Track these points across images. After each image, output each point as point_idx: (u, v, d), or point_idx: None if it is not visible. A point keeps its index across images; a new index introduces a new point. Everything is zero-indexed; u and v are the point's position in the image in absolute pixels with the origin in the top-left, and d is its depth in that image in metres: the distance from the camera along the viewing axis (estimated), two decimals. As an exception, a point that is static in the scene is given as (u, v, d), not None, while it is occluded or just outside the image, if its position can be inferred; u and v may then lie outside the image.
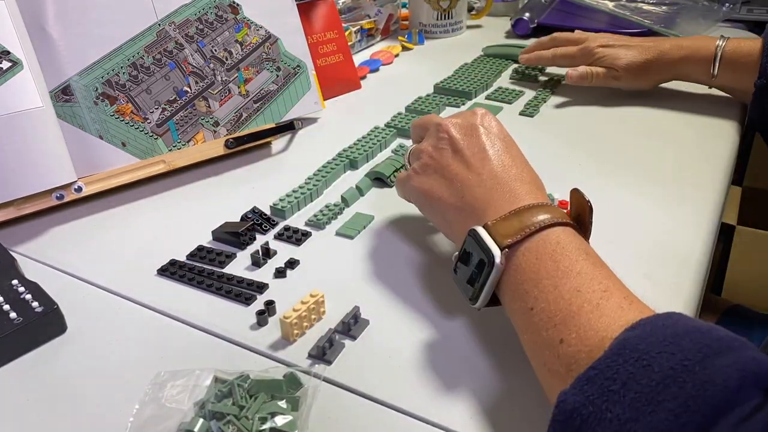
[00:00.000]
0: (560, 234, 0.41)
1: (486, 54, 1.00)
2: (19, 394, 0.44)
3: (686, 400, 0.29)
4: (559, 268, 0.39)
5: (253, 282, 0.52)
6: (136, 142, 0.66)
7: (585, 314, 0.36)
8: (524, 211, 0.42)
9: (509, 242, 0.41)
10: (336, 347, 0.45)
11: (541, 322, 0.38)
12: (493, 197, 0.45)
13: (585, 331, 0.35)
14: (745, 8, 1.19)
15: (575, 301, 0.37)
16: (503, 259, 0.40)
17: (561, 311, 0.37)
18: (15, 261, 0.54)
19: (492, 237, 0.41)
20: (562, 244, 0.40)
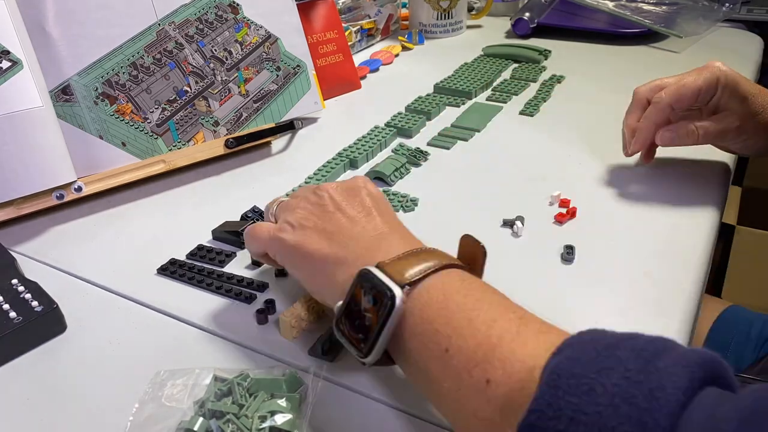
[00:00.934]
0: (461, 273, 0.38)
1: (486, 54, 1.00)
2: (19, 393, 0.44)
3: (641, 416, 0.26)
4: (468, 302, 0.35)
5: (253, 281, 0.52)
6: (136, 141, 0.66)
7: (507, 344, 0.32)
8: (420, 252, 0.39)
9: (409, 279, 0.37)
10: (336, 346, 0.45)
11: (461, 363, 0.33)
12: (381, 244, 0.41)
13: (511, 365, 0.32)
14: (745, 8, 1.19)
15: (494, 332, 0.33)
16: (405, 297, 0.36)
17: (481, 346, 0.33)
18: (15, 261, 0.54)
19: (389, 275, 0.37)
20: (468, 280, 0.38)
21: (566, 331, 0.33)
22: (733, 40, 1.06)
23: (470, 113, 0.81)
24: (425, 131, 0.78)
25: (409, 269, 0.37)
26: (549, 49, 0.99)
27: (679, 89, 0.59)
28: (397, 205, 0.62)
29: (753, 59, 0.98)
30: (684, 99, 0.59)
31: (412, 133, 0.76)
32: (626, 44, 1.04)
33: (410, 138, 0.76)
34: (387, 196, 0.63)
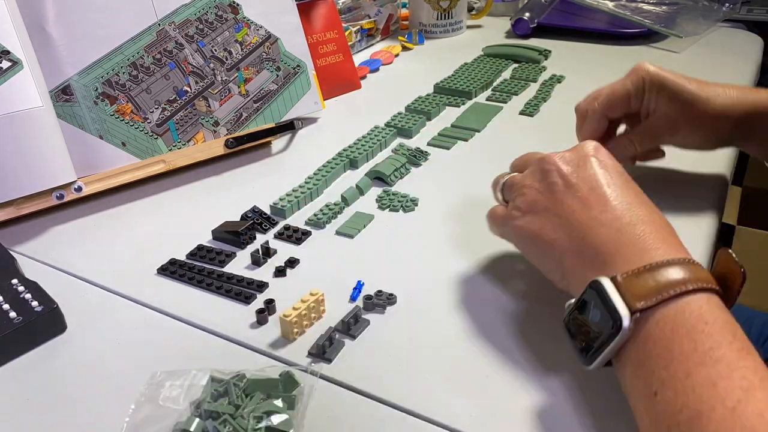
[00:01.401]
0: (703, 305, 0.34)
1: (486, 54, 1.00)
2: (19, 393, 0.44)
3: None
4: (696, 350, 0.32)
5: (253, 281, 0.52)
6: (136, 141, 0.66)
7: (716, 417, 0.30)
8: (661, 267, 0.36)
9: (642, 306, 0.34)
10: (336, 346, 0.45)
11: (664, 414, 0.32)
12: (620, 242, 0.38)
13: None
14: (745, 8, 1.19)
15: (707, 399, 0.30)
16: (632, 324, 0.34)
17: (689, 408, 0.31)
18: (15, 260, 0.54)
19: (621, 295, 0.35)
20: (705, 318, 0.34)
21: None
22: (733, 40, 1.06)
23: (470, 113, 0.81)
24: (425, 131, 0.78)
25: (645, 291, 0.35)
26: (549, 49, 0.99)
27: (609, 97, 0.58)
28: (397, 206, 0.62)
29: (753, 59, 0.97)
30: (615, 106, 0.58)
31: (412, 133, 0.76)
32: (626, 44, 1.04)
33: (410, 138, 0.76)
34: (387, 197, 0.63)
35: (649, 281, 0.35)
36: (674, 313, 0.34)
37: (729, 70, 0.92)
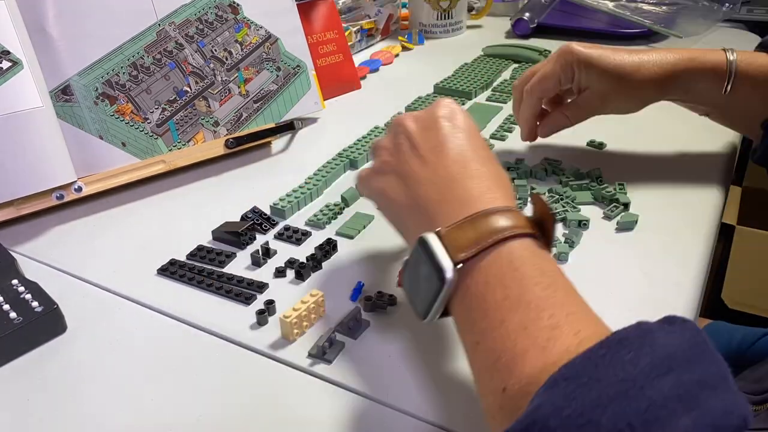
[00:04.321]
0: (515, 251, 0.36)
1: (486, 54, 1.00)
2: (19, 394, 0.44)
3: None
4: (508, 297, 0.35)
5: (253, 281, 0.52)
6: (136, 142, 0.66)
7: (529, 360, 0.31)
8: (480, 217, 0.38)
9: (463, 257, 0.36)
10: (336, 347, 0.45)
11: (487, 362, 0.34)
12: (446, 197, 0.41)
13: (528, 385, 0.31)
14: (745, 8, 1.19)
15: (521, 343, 0.32)
16: (455, 276, 0.36)
17: (506, 352, 0.33)
18: (15, 261, 0.54)
19: (444, 248, 0.37)
20: (515, 264, 0.36)
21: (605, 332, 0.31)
22: (733, 40, 1.06)
23: (470, 113, 0.81)
24: (425, 131, 0.78)
25: (465, 242, 0.37)
26: (549, 49, 0.99)
27: (541, 81, 0.63)
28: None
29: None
30: (547, 89, 0.63)
31: (412, 133, 0.76)
32: (626, 44, 1.04)
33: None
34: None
35: (469, 232, 0.37)
36: (488, 264, 0.36)
37: (729, 71, 0.92)
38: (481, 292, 0.36)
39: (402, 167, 0.45)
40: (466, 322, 0.37)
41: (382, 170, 0.47)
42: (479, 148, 0.44)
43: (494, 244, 0.36)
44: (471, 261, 0.36)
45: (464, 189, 0.41)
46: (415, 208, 0.42)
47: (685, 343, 0.29)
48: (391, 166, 0.46)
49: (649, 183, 0.64)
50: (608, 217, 0.59)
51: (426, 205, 0.42)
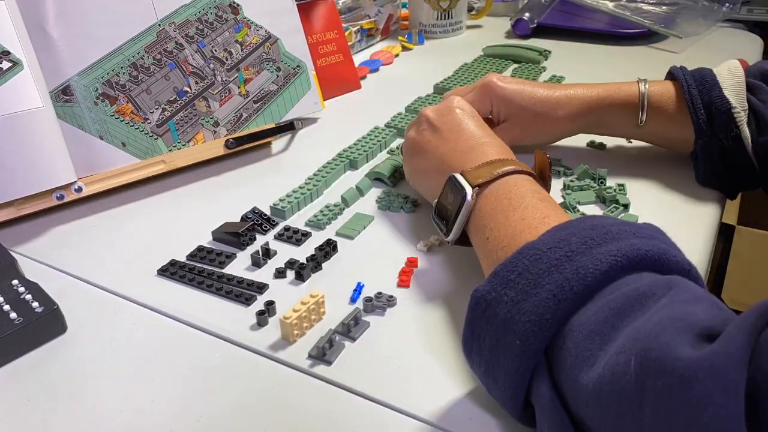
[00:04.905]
0: (518, 179, 0.48)
1: (486, 54, 1.00)
2: (20, 394, 0.44)
3: (563, 282, 0.35)
4: (511, 203, 0.46)
5: (253, 282, 0.52)
6: (136, 142, 0.66)
7: (524, 236, 0.42)
8: (495, 162, 0.50)
9: (480, 182, 0.48)
10: (336, 348, 0.45)
11: (492, 247, 0.44)
12: (467, 158, 0.52)
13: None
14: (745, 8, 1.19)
15: (518, 227, 0.43)
16: (474, 195, 0.48)
17: (507, 236, 0.43)
18: (15, 261, 0.54)
19: (466, 179, 0.49)
20: (519, 185, 0.47)
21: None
22: (733, 40, 1.06)
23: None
24: (425, 131, 0.78)
25: (482, 175, 0.49)
26: (549, 50, 0.99)
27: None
28: (397, 207, 0.62)
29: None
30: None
31: (412, 133, 0.76)
32: (626, 44, 1.04)
33: (410, 138, 0.76)
34: (387, 197, 0.63)
35: (485, 170, 0.49)
36: (498, 187, 0.48)
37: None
38: (491, 204, 0.47)
39: (428, 146, 0.57)
40: (479, 227, 0.47)
41: (411, 153, 0.59)
42: (485, 128, 0.56)
43: (503, 176, 0.48)
44: (485, 186, 0.48)
45: (480, 151, 0.53)
46: (442, 171, 0.53)
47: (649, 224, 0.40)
48: (418, 148, 0.58)
49: (649, 183, 0.64)
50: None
51: (451, 165, 0.53)
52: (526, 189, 0.47)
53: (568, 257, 0.36)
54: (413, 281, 0.52)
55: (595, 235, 0.37)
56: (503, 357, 0.36)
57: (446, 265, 0.54)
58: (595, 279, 0.34)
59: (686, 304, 0.31)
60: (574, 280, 0.35)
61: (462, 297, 0.50)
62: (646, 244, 0.36)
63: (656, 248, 0.36)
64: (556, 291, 0.35)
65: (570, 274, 0.35)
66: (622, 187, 0.62)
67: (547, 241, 0.38)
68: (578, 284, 0.34)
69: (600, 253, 0.35)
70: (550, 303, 0.35)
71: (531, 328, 0.35)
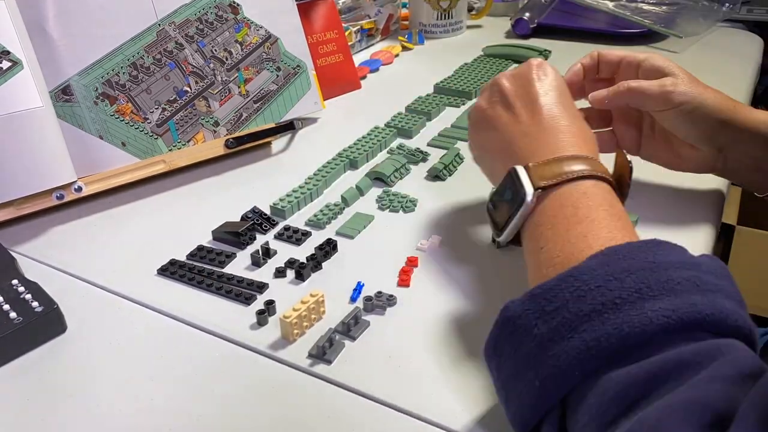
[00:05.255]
0: (591, 186, 0.42)
1: (486, 54, 1.00)
2: (19, 394, 0.44)
3: (602, 335, 0.31)
4: (576, 214, 0.40)
5: (253, 282, 0.52)
6: (136, 142, 0.66)
7: (582, 257, 0.36)
8: (566, 159, 0.43)
9: (544, 184, 0.42)
10: (336, 347, 0.45)
11: (545, 260, 0.39)
12: (538, 146, 0.45)
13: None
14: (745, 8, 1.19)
15: (578, 245, 0.38)
16: (534, 199, 0.42)
17: (563, 252, 0.38)
18: (15, 261, 0.54)
19: (529, 177, 0.43)
20: (589, 194, 0.41)
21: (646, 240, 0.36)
22: (733, 40, 1.06)
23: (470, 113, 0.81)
24: (425, 131, 0.78)
25: (549, 174, 0.42)
26: (549, 49, 0.99)
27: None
28: (397, 206, 0.62)
29: (753, 59, 0.98)
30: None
31: (412, 133, 0.76)
32: (626, 44, 1.04)
33: (410, 138, 0.76)
34: (387, 197, 0.63)
35: (554, 168, 0.42)
36: (564, 193, 0.41)
37: (729, 71, 0.92)
38: (553, 211, 0.41)
39: (497, 121, 0.49)
40: (534, 233, 0.42)
41: (479, 126, 0.52)
42: (568, 106, 0.48)
43: (573, 180, 0.42)
44: (550, 189, 0.42)
45: (554, 140, 0.45)
46: (509, 154, 0.47)
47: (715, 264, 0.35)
48: (486, 122, 0.50)
49: (649, 183, 0.64)
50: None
51: (518, 151, 0.46)
52: (599, 200, 0.40)
53: (615, 306, 0.31)
54: (413, 281, 0.52)
55: (653, 282, 0.32)
56: (520, 389, 0.34)
57: (446, 265, 0.54)
58: (639, 342, 0.30)
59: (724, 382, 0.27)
60: (614, 336, 0.30)
61: (462, 297, 0.50)
62: (709, 306, 0.31)
63: (719, 311, 0.31)
64: (592, 344, 0.31)
65: (612, 329, 0.31)
66: (622, 187, 0.62)
67: (596, 275, 0.33)
68: (618, 341, 0.30)
69: (653, 311, 0.31)
70: (581, 355, 0.31)
71: (555, 373, 0.32)
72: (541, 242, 0.40)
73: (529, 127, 0.47)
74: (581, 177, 0.42)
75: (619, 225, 0.39)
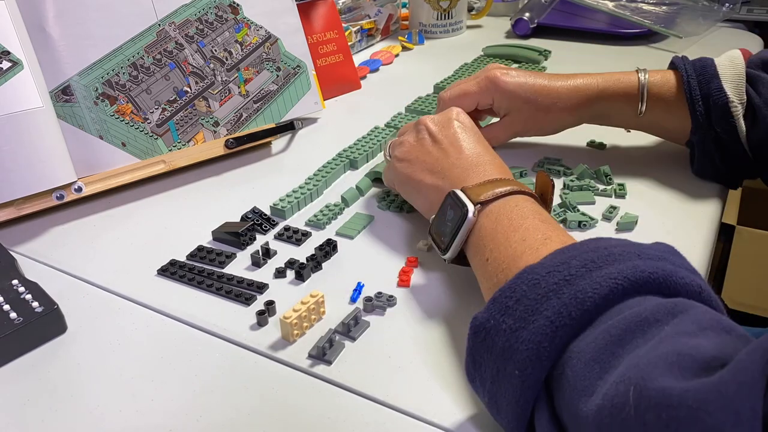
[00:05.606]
0: (521, 200, 0.46)
1: (486, 54, 1.00)
2: (19, 394, 0.44)
3: (561, 308, 0.34)
4: (512, 224, 0.44)
5: (253, 282, 0.52)
6: (136, 142, 0.66)
7: (525, 258, 0.40)
8: (495, 181, 0.48)
9: (482, 199, 0.46)
10: (336, 347, 0.45)
11: (492, 270, 0.43)
12: (468, 174, 0.51)
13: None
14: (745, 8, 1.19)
15: (519, 248, 0.42)
16: (476, 212, 0.46)
17: (507, 258, 0.42)
18: (15, 261, 0.54)
19: (468, 196, 0.47)
20: (521, 206, 0.46)
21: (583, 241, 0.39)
22: (733, 40, 1.06)
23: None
24: (425, 131, 0.78)
25: (484, 192, 0.47)
26: (549, 49, 0.99)
27: (460, 97, 0.66)
28: (397, 206, 0.62)
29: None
30: (465, 105, 0.64)
31: (412, 133, 0.76)
32: (626, 44, 1.04)
33: (410, 138, 0.76)
34: (387, 197, 0.63)
35: (487, 188, 0.47)
36: (500, 207, 0.46)
37: (729, 71, 0.92)
38: (491, 225, 0.45)
39: (427, 156, 0.54)
40: (478, 247, 0.45)
41: (407, 158, 0.56)
42: (485, 146, 0.54)
43: (506, 195, 0.47)
44: (487, 204, 0.46)
45: (481, 169, 0.51)
46: (442, 186, 0.52)
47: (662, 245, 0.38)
48: (416, 155, 0.55)
49: (648, 183, 0.64)
50: (608, 218, 0.59)
51: (452, 180, 0.51)
52: (528, 210, 0.45)
53: (567, 281, 0.35)
54: (413, 281, 0.52)
55: (596, 258, 0.35)
56: (504, 387, 0.35)
57: (446, 265, 0.54)
58: (594, 304, 0.33)
59: (690, 336, 0.29)
60: (572, 306, 0.33)
61: (462, 297, 0.50)
62: (651, 266, 0.34)
63: (661, 269, 0.34)
64: (554, 318, 0.33)
65: (568, 300, 0.34)
66: (622, 187, 0.62)
67: (546, 264, 0.37)
68: (576, 310, 0.33)
69: (600, 276, 0.34)
70: (547, 330, 0.33)
71: (529, 357, 0.34)
72: (486, 253, 0.44)
73: (457, 160, 0.52)
74: (511, 193, 0.47)
75: (551, 227, 0.43)
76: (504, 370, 0.35)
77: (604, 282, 0.33)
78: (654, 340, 0.30)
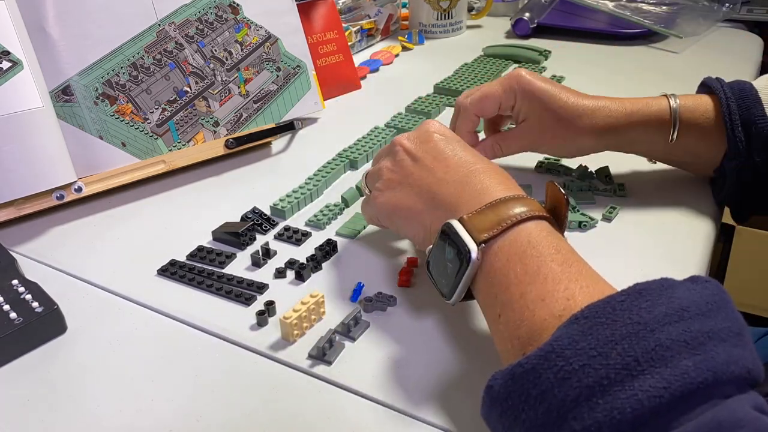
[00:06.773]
0: (532, 231, 0.40)
1: (486, 54, 1.00)
2: (19, 394, 0.44)
3: (591, 424, 0.29)
4: (527, 273, 0.38)
5: (253, 282, 0.52)
6: (136, 142, 0.66)
7: (548, 330, 0.34)
8: (499, 204, 0.41)
9: (486, 237, 0.40)
10: (336, 348, 0.45)
11: (507, 332, 0.37)
12: (464, 191, 0.44)
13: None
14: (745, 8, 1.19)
15: (539, 312, 0.35)
16: (480, 255, 0.40)
17: (525, 323, 0.36)
18: (15, 261, 0.54)
19: (468, 231, 0.41)
20: (533, 242, 0.39)
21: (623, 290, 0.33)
22: (733, 40, 1.06)
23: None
24: (425, 131, 0.78)
25: (487, 225, 0.40)
26: (549, 49, 0.99)
27: (482, 100, 0.60)
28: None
29: (753, 59, 0.98)
30: (486, 109, 0.61)
31: (412, 133, 0.76)
32: (626, 44, 1.04)
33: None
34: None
35: (490, 216, 0.41)
36: (509, 243, 0.39)
37: (729, 71, 0.92)
38: (502, 268, 0.39)
39: (410, 178, 0.48)
40: (488, 296, 0.40)
41: (390, 187, 0.49)
42: (473, 153, 0.48)
43: (513, 225, 0.40)
44: (492, 241, 0.40)
45: (477, 183, 0.44)
46: (434, 208, 0.46)
47: (702, 299, 0.32)
48: (398, 181, 0.49)
49: (648, 183, 0.64)
50: (608, 218, 0.59)
51: (444, 202, 0.45)
52: (544, 245, 0.39)
53: (603, 388, 0.29)
54: (413, 281, 0.52)
55: (641, 353, 0.29)
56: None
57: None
58: (631, 427, 0.28)
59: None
60: (605, 426, 0.28)
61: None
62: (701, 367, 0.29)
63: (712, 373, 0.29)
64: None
65: (602, 417, 0.28)
66: (622, 187, 0.62)
67: (579, 350, 0.30)
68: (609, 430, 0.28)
69: (642, 390, 0.28)
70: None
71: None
72: (497, 308, 0.38)
73: (446, 175, 0.46)
74: (520, 221, 0.40)
75: (572, 274, 0.37)
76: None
77: (647, 401, 0.28)
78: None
